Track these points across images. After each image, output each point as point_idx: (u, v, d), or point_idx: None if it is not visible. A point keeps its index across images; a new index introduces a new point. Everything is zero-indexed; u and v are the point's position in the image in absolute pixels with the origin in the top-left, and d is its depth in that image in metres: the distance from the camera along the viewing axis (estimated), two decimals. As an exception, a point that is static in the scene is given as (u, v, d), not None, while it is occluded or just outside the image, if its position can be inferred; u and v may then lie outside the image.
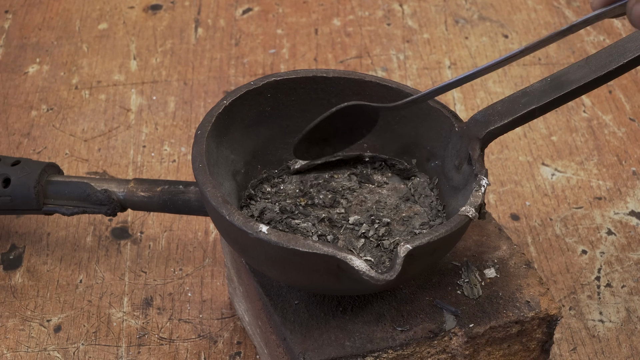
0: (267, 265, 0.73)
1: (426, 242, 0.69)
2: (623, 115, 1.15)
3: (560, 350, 0.88)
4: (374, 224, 0.79)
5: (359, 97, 0.84)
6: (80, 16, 1.34)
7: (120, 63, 1.25)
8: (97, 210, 0.89)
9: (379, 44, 1.28)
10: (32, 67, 1.25)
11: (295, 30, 1.31)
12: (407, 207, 0.81)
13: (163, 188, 0.86)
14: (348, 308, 0.76)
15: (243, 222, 0.70)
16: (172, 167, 1.09)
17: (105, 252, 0.99)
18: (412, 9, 1.35)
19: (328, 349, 0.73)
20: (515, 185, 1.06)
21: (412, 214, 0.80)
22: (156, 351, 0.89)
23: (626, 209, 1.03)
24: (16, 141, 1.13)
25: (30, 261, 0.98)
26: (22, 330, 0.91)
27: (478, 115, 0.79)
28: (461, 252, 0.81)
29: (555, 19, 1.32)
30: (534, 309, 0.76)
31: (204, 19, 1.34)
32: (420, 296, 0.77)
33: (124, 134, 1.14)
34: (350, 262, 0.68)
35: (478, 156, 0.76)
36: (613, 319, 0.91)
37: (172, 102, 1.19)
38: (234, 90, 0.82)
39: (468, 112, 1.16)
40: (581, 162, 1.09)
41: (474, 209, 0.72)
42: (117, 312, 0.92)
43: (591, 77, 0.77)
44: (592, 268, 0.96)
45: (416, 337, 0.74)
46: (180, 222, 1.02)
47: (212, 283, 0.95)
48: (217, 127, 0.79)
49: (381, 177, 0.84)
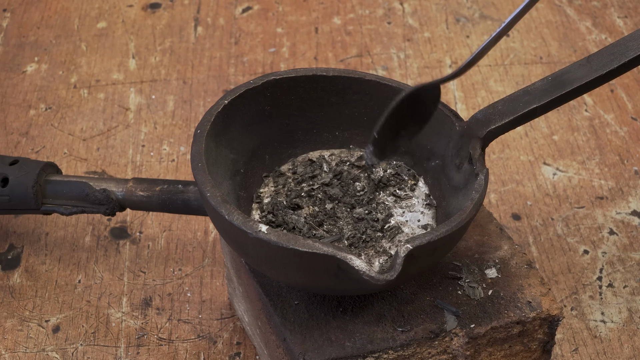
0: (267, 265, 0.73)
1: (427, 242, 0.69)
2: (625, 115, 1.15)
3: (561, 351, 0.88)
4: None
5: (360, 96, 0.84)
6: (79, 15, 1.34)
7: (119, 62, 1.25)
8: (95, 210, 0.89)
9: (379, 43, 1.28)
10: (30, 66, 1.25)
11: (295, 28, 1.31)
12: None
13: (162, 188, 0.86)
14: (348, 308, 0.76)
15: (242, 222, 0.70)
16: (171, 166, 1.09)
17: (104, 252, 0.98)
18: (413, 8, 1.34)
19: (328, 349, 0.73)
20: (516, 185, 1.06)
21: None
22: (155, 352, 0.88)
23: (628, 209, 1.02)
24: (14, 140, 1.13)
25: (29, 261, 0.97)
26: (21, 330, 0.91)
27: (479, 114, 0.79)
28: (462, 252, 0.81)
29: (556, 18, 1.31)
30: (536, 309, 0.76)
31: (204, 17, 1.33)
32: (421, 296, 0.77)
33: (123, 133, 1.14)
34: (350, 261, 0.68)
35: (479, 155, 0.76)
36: (615, 320, 0.91)
37: (171, 101, 1.19)
38: (233, 89, 0.81)
39: (469, 111, 1.16)
40: (583, 162, 1.09)
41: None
42: (116, 312, 0.92)
43: (593, 76, 0.77)
44: (594, 268, 0.96)
45: (417, 338, 0.74)
46: (180, 221, 1.02)
47: (211, 283, 0.95)
48: (216, 127, 0.79)
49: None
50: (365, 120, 0.84)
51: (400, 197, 0.81)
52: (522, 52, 1.25)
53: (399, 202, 0.81)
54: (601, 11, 1.32)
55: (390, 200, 0.81)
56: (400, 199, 0.81)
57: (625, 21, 1.30)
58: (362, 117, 0.84)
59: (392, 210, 0.80)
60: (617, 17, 1.31)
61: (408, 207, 0.80)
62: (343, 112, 0.85)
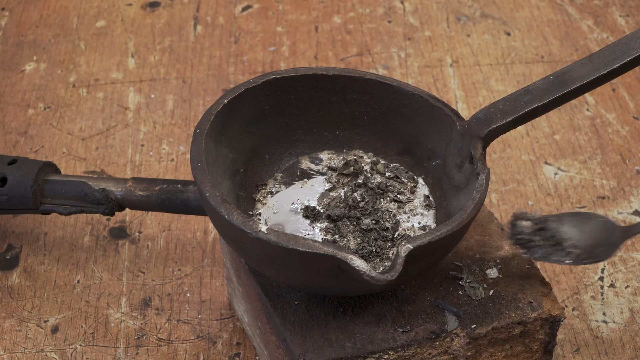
0: (267, 265, 0.73)
1: (427, 242, 0.69)
2: (627, 114, 1.15)
3: (563, 352, 0.88)
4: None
5: (360, 95, 0.83)
6: (78, 13, 1.34)
7: (118, 61, 1.25)
8: (94, 209, 0.89)
9: (379, 42, 1.27)
10: (29, 65, 1.24)
11: (295, 27, 1.30)
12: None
13: (161, 187, 0.86)
14: (349, 309, 0.76)
15: (242, 222, 0.70)
16: (170, 166, 1.09)
17: (103, 252, 0.98)
18: (414, 6, 1.34)
19: (328, 350, 0.73)
20: (517, 185, 1.05)
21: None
22: (154, 352, 0.88)
23: (630, 209, 1.02)
24: (13, 140, 1.12)
25: (27, 261, 0.97)
26: (19, 331, 0.90)
27: (480, 113, 0.78)
28: (463, 252, 0.80)
29: (558, 16, 1.31)
30: (537, 310, 0.76)
31: (203, 16, 1.33)
32: (422, 296, 0.77)
33: (122, 132, 1.13)
34: (351, 262, 0.68)
35: (480, 155, 0.76)
36: (617, 320, 0.90)
37: (171, 101, 1.18)
38: (233, 89, 0.81)
39: (470, 110, 1.16)
40: (584, 161, 1.08)
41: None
42: (115, 312, 0.92)
43: (594, 75, 0.76)
44: (596, 268, 0.96)
45: (417, 338, 0.74)
46: (179, 221, 1.01)
47: (211, 283, 0.95)
48: (216, 126, 0.79)
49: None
50: (366, 119, 0.84)
51: (402, 201, 0.81)
52: (523, 51, 1.25)
53: (402, 207, 0.80)
54: (603, 10, 1.32)
55: (393, 207, 0.81)
56: (403, 204, 0.81)
57: (627, 20, 1.30)
58: (362, 116, 0.84)
59: (398, 217, 0.80)
60: (619, 16, 1.31)
61: (412, 211, 0.80)
62: (343, 111, 0.84)
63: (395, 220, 0.79)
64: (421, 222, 0.79)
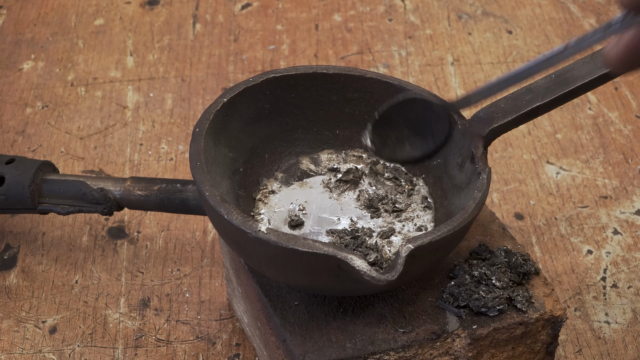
0: (267, 265, 0.73)
1: (428, 242, 0.69)
2: (629, 113, 1.14)
3: (565, 352, 0.87)
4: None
5: (360, 94, 0.83)
6: (76, 12, 1.33)
7: (117, 59, 1.24)
8: (93, 209, 0.89)
9: (380, 40, 1.27)
10: (26, 64, 1.24)
11: (295, 26, 1.30)
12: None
13: (160, 187, 0.86)
14: (349, 309, 0.76)
15: (242, 222, 0.70)
16: (169, 165, 1.08)
17: (101, 252, 0.98)
18: (414, 5, 1.34)
19: (329, 350, 0.73)
20: (519, 184, 1.05)
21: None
22: (153, 353, 0.88)
23: (632, 208, 1.02)
24: (10, 139, 1.12)
25: (25, 261, 0.97)
26: (17, 331, 0.90)
27: (481, 112, 0.78)
28: (464, 252, 0.80)
29: (560, 15, 1.30)
30: (539, 310, 0.76)
31: (202, 14, 1.33)
32: (423, 297, 0.76)
33: (121, 131, 1.13)
34: (351, 262, 0.67)
35: (481, 154, 0.76)
36: (619, 320, 0.90)
37: (170, 99, 1.18)
38: (232, 87, 0.81)
39: (471, 109, 1.15)
40: (587, 161, 1.08)
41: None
42: (113, 313, 0.91)
43: (597, 74, 0.76)
44: (598, 268, 0.95)
45: (418, 339, 0.74)
46: (178, 221, 1.01)
47: (210, 284, 0.94)
48: (215, 125, 0.79)
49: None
50: (366, 118, 0.84)
51: (400, 210, 0.80)
52: (525, 49, 1.25)
53: (399, 216, 0.80)
54: (605, 8, 1.31)
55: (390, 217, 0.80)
56: (401, 212, 0.80)
57: (629, 18, 1.29)
58: (363, 115, 0.84)
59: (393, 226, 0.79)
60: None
61: (407, 220, 0.80)
62: (344, 110, 0.84)
63: (390, 229, 0.79)
64: (417, 223, 0.79)
